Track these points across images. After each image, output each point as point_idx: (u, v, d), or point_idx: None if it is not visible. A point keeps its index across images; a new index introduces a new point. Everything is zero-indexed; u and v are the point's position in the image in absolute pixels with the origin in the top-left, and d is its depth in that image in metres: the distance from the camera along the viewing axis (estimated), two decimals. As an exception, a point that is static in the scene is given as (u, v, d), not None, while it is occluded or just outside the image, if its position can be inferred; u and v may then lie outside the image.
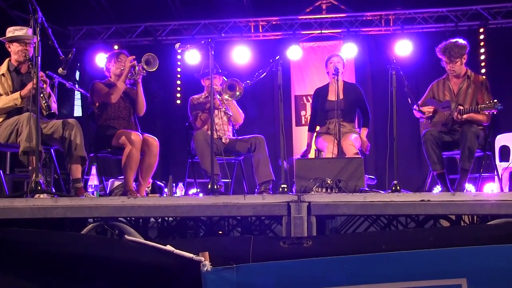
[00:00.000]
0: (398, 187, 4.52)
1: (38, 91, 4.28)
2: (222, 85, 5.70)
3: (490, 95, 5.33)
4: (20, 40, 4.90)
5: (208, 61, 5.00)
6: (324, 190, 4.46)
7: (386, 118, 4.84)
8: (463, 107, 5.32)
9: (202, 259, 2.69)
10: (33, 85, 4.29)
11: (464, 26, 9.40)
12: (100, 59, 9.34)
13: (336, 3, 9.77)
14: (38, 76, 4.24)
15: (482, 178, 5.70)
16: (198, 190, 6.58)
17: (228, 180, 5.90)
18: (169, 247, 2.79)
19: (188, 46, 5.44)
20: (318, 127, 6.19)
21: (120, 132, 5.23)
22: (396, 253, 2.73)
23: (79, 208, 3.48)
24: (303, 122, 9.68)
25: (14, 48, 4.92)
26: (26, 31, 4.90)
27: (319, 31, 9.71)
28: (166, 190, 6.26)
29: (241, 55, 9.50)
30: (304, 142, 6.40)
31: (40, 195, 4.01)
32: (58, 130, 4.75)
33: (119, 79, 5.38)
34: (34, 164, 4.19)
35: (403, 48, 9.05)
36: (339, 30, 9.70)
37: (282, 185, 4.59)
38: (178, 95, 10.14)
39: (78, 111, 10.11)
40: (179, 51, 7.54)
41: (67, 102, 9.78)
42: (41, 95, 4.53)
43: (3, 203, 3.51)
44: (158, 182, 6.69)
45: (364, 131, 6.08)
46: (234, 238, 4.36)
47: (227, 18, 9.78)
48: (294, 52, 9.45)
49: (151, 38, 10.05)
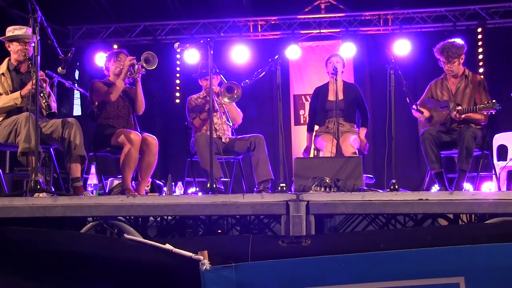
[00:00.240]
0: (397, 186, 4.53)
1: (38, 91, 4.29)
2: (220, 88, 5.71)
3: (488, 95, 5.35)
4: (20, 40, 4.91)
5: (205, 61, 5.03)
6: (323, 189, 4.47)
7: (385, 118, 4.85)
8: (462, 107, 5.33)
9: (201, 258, 2.71)
10: (33, 85, 4.30)
11: (462, 26, 9.41)
12: (100, 59, 9.34)
13: (335, 3, 9.78)
14: (38, 76, 4.25)
15: (480, 177, 5.71)
16: (197, 189, 6.58)
17: (227, 179, 5.91)
18: (168, 246, 2.80)
19: (187, 46, 5.45)
20: (317, 127, 6.20)
21: (119, 131, 5.24)
22: (395, 252, 2.75)
23: (79, 207, 3.47)
24: (302, 122, 9.69)
25: (14, 48, 4.92)
26: (26, 31, 4.91)
27: (318, 31, 9.72)
28: (165, 189, 6.28)
29: (240, 55, 9.51)
30: (303, 141, 6.41)
31: (40, 194, 4.01)
32: (58, 130, 4.75)
33: (119, 78, 5.39)
34: (34, 165, 4.20)
35: (402, 48, 9.07)
36: (338, 30, 9.72)
37: (281, 184, 4.60)
38: (177, 94, 10.15)
39: (78, 110, 10.12)
40: (178, 51, 7.56)
41: (67, 101, 9.79)
42: (41, 95, 4.54)
43: (3, 202, 3.51)
44: (157, 181, 6.70)
45: (363, 131, 6.10)
46: (233, 237, 4.38)
47: (226, 18, 9.79)
48: (293, 52, 9.46)
49: (151, 38, 10.05)
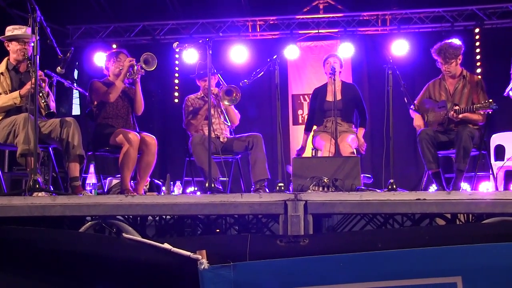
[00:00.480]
0: (394, 186, 4.54)
1: (37, 90, 4.29)
2: (220, 92, 5.72)
3: (486, 95, 5.35)
4: (19, 39, 4.91)
5: (203, 62, 5.03)
6: (321, 189, 4.48)
7: (383, 118, 4.87)
8: (459, 107, 5.35)
9: (200, 257, 2.72)
10: (32, 84, 4.30)
11: (460, 26, 9.43)
12: (99, 58, 9.35)
13: (333, 3, 9.79)
14: (37, 75, 4.25)
15: (477, 177, 5.73)
16: (196, 189, 6.58)
17: (226, 179, 5.91)
18: (167, 245, 2.81)
19: (186, 45, 5.46)
20: (315, 127, 6.21)
21: (118, 131, 5.24)
22: (392, 252, 2.76)
23: (77, 206, 3.47)
24: (300, 121, 9.71)
25: (13, 47, 4.93)
26: (25, 30, 4.91)
27: (316, 31, 9.73)
28: (164, 189, 6.28)
29: (239, 55, 9.51)
30: (301, 141, 6.42)
31: (38, 193, 4.01)
32: (56, 129, 4.76)
33: (118, 78, 5.40)
34: (33, 166, 4.21)
35: (400, 48, 9.08)
36: (336, 30, 9.72)
37: (279, 184, 4.61)
38: (176, 94, 10.16)
39: (77, 110, 10.12)
40: (177, 50, 7.50)
41: (66, 101, 9.79)
42: (40, 94, 4.54)
43: (1, 201, 3.51)
44: (156, 181, 6.70)
45: (361, 131, 6.11)
46: (231, 237, 4.40)
47: (225, 18, 9.80)
48: (291, 52, 9.46)
49: (149, 37, 10.05)
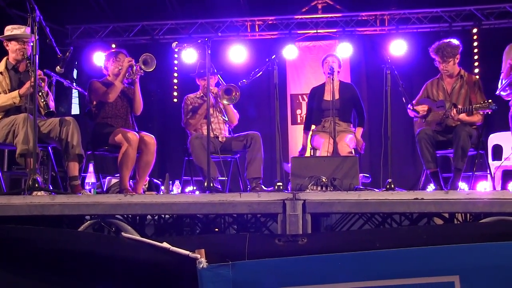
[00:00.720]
0: (393, 185, 4.53)
1: (36, 90, 4.30)
2: (219, 91, 5.73)
3: (483, 95, 5.37)
4: (18, 39, 4.92)
5: (203, 61, 5.03)
6: (319, 188, 4.49)
7: (381, 117, 4.87)
8: (459, 107, 5.36)
9: (198, 256, 2.72)
10: (31, 84, 4.31)
11: (458, 27, 9.45)
12: (98, 58, 9.36)
13: (332, 3, 9.80)
14: (36, 75, 4.25)
15: (475, 177, 5.73)
16: (195, 188, 6.59)
17: (224, 178, 5.92)
18: (166, 244, 2.81)
19: (185, 45, 5.47)
20: (314, 126, 6.22)
21: (117, 131, 5.25)
22: (390, 251, 2.76)
23: (76, 206, 3.48)
24: (299, 121, 9.73)
25: (12, 47, 4.93)
26: (24, 30, 4.92)
27: (315, 31, 9.74)
28: (163, 188, 6.29)
29: (238, 54, 9.52)
30: (300, 140, 6.44)
31: (38, 193, 4.02)
32: (55, 129, 4.77)
33: (117, 79, 5.40)
34: (32, 166, 4.22)
35: (398, 48, 9.09)
36: (335, 30, 9.73)
37: (278, 183, 4.61)
38: (175, 94, 10.17)
39: (76, 109, 10.12)
40: (176, 50, 7.54)
41: (65, 101, 9.79)
42: (39, 94, 4.55)
43: (1, 200, 3.51)
44: (155, 180, 6.71)
45: (359, 131, 6.12)
46: (230, 236, 4.40)
47: (224, 18, 9.80)
48: (290, 52, 9.46)
49: (148, 37, 10.05)
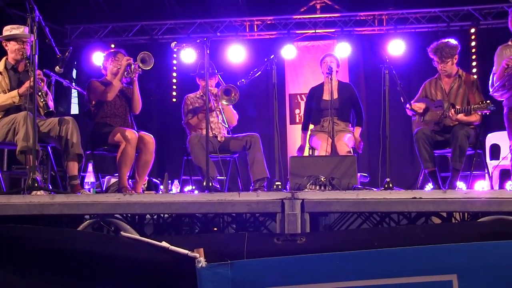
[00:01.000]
0: (391, 185, 4.54)
1: (36, 90, 4.30)
2: (218, 91, 5.74)
3: (481, 95, 5.38)
4: (17, 39, 4.92)
5: (204, 61, 5.03)
6: (318, 188, 4.49)
7: (379, 117, 4.88)
8: (457, 107, 5.37)
9: (197, 255, 2.72)
10: (30, 83, 4.31)
11: (456, 26, 9.47)
12: (97, 58, 9.38)
13: (330, 3, 9.82)
14: (36, 75, 4.26)
15: (473, 176, 5.75)
16: (194, 187, 6.60)
17: (223, 178, 5.94)
18: (165, 244, 2.81)
19: (184, 45, 5.48)
20: (312, 126, 6.24)
21: (116, 130, 5.25)
22: (388, 250, 2.76)
23: (76, 205, 3.48)
24: (297, 121, 9.74)
25: (11, 47, 4.94)
26: (23, 30, 4.92)
27: (313, 31, 9.76)
28: (162, 187, 6.29)
29: (236, 54, 9.53)
30: (298, 140, 6.45)
31: (37, 192, 4.02)
32: (55, 128, 4.77)
33: (115, 78, 5.42)
34: (32, 163, 4.22)
35: (396, 48, 9.11)
36: (333, 30, 9.75)
37: (276, 183, 4.62)
38: (174, 93, 10.18)
39: (75, 109, 10.14)
40: (175, 50, 7.54)
41: (64, 100, 9.81)
42: (39, 94, 4.56)
43: (0, 200, 3.51)
44: (154, 179, 6.72)
45: (358, 130, 6.14)
46: (229, 235, 4.41)
47: (223, 18, 9.81)
48: (289, 51, 9.49)
49: (147, 37, 10.07)
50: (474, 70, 9.15)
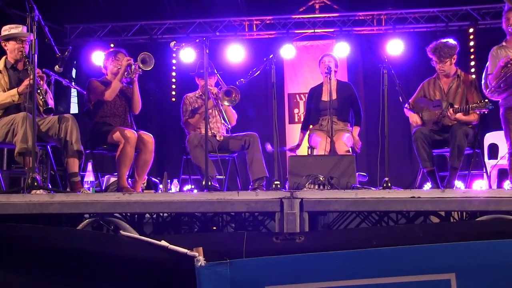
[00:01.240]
0: (389, 184, 4.56)
1: (35, 88, 4.30)
2: (219, 92, 5.76)
3: (480, 94, 5.38)
4: (16, 38, 4.92)
5: (203, 60, 5.04)
6: (317, 187, 4.51)
7: (378, 117, 4.90)
8: (456, 107, 5.38)
9: (196, 254, 2.71)
10: (30, 83, 4.31)
11: (455, 26, 9.49)
12: (96, 57, 9.39)
13: (329, 3, 9.83)
14: (35, 74, 4.26)
15: (471, 175, 5.76)
16: (193, 187, 6.61)
17: (222, 177, 5.95)
18: (164, 243, 2.81)
19: (183, 45, 5.48)
20: (311, 126, 6.25)
21: (116, 129, 5.26)
22: (387, 249, 2.76)
23: (75, 204, 3.47)
24: (296, 120, 9.74)
25: (11, 46, 4.94)
26: (22, 29, 4.92)
27: (312, 31, 9.77)
28: (161, 187, 6.30)
29: (236, 54, 9.54)
30: (297, 139, 6.47)
31: (37, 191, 4.02)
32: (55, 126, 4.77)
33: (116, 78, 5.42)
34: (31, 165, 4.23)
35: (395, 48, 9.14)
36: (332, 30, 9.76)
37: (275, 182, 4.63)
38: (173, 93, 10.17)
39: (75, 109, 10.14)
40: (174, 49, 7.54)
41: (64, 100, 9.81)
42: (38, 91, 4.56)
43: (0, 199, 3.50)
44: (153, 179, 6.72)
45: (356, 130, 6.15)
46: (228, 234, 4.41)
47: (222, 17, 9.82)
48: (288, 51, 9.51)
49: (147, 37, 10.08)
50: (473, 70, 9.16)
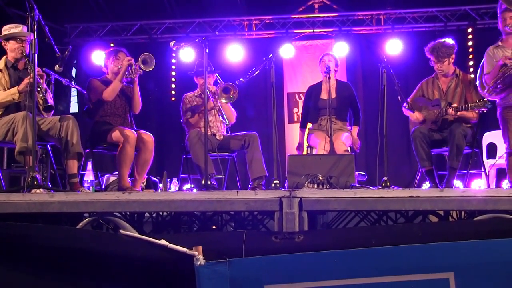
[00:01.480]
0: (388, 183, 4.57)
1: (35, 87, 4.31)
2: (217, 89, 5.76)
3: (479, 93, 5.39)
4: (16, 38, 4.93)
5: (202, 60, 5.05)
6: (316, 186, 4.51)
7: (377, 116, 4.91)
8: (454, 106, 5.40)
9: (196, 253, 2.71)
10: (30, 82, 4.31)
11: (453, 26, 9.49)
12: (96, 57, 9.40)
13: (328, 3, 9.83)
14: (35, 73, 4.26)
15: (470, 175, 5.78)
16: (192, 186, 6.61)
17: (222, 176, 5.95)
18: (163, 242, 2.81)
19: (183, 44, 5.50)
20: (310, 124, 6.26)
21: (115, 129, 5.27)
22: (386, 248, 2.76)
23: (75, 203, 3.48)
24: (295, 119, 9.74)
25: (11, 46, 4.95)
26: (22, 29, 4.93)
27: (311, 30, 9.77)
28: (161, 186, 6.30)
29: (235, 53, 9.54)
30: (296, 139, 6.48)
31: (37, 190, 4.03)
32: (55, 126, 4.78)
33: (116, 78, 5.41)
34: (31, 164, 4.23)
35: (394, 47, 9.14)
36: (331, 29, 9.76)
37: (275, 181, 4.63)
38: (173, 92, 10.17)
39: (75, 108, 10.14)
40: (174, 49, 7.57)
41: (64, 99, 9.81)
42: (38, 90, 4.57)
43: (0, 198, 3.51)
44: (153, 178, 6.72)
45: (355, 129, 6.16)
46: (227, 233, 4.41)
47: (221, 17, 9.82)
48: (287, 51, 9.52)
49: (147, 36, 10.07)
50: (471, 70, 9.14)
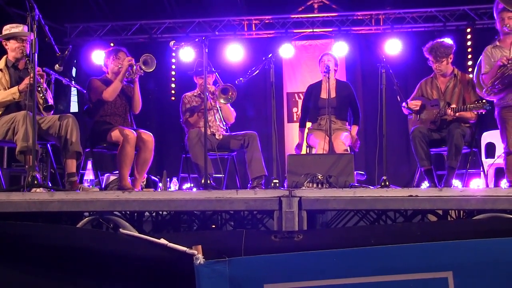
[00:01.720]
0: (387, 183, 4.57)
1: (35, 87, 4.31)
2: (216, 90, 5.77)
3: (477, 94, 5.40)
4: (17, 37, 4.94)
5: (201, 59, 5.06)
6: (315, 185, 4.52)
7: (376, 116, 4.92)
8: (453, 106, 5.41)
9: (195, 252, 2.71)
10: (30, 78, 4.31)
11: (452, 26, 9.50)
12: (96, 56, 9.41)
13: (328, 3, 9.84)
14: (35, 72, 4.27)
15: (469, 174, 5.77)
16: (192, 185, 6.62)
17: (221, 175, 5.96)
18: (163, 241, 2.81)
19: (183, 44, 5.51)
20: (310, 124, 6.27)
21: (115, 128, 5.27)
22: (385, 247, 2.76)
23: (75, 202, 3.48)
24: (295, 119, 9.74)
25: (11, 46, 4.96)
26: (22, 28, 4.94)
27: (311, 30, 9.78)
28: (161, 185, 6.31)
29: (235, 53, 9.55)
30: (296, 138, 6.49)
31: (37, 189, 4.04)
32: (55, 125, 4.79)
33: (117, 78, 5.40)
34: (31, 163, 4.24)
35: (393, 47, 9.15)
36: (330, 29, 9.77)
37: (274, 180, 4.65)
38: (173, 92, 10.17)
39: (75, 107, 10.14)
40: (174, 49, 7.58)
41: (64, 98, 9.82)
42: (38, 89, 4.57)
43: (0, 197, 3.51)
44: (153, 177, 6.73)
45: (355, 129, 6.17)
46: (227, 232, 4.40)
47: (221, 17, 9.83)
48: (286, 50, 9.53)
49: (146, 36, 10.08)
50: (470, 70, 9.14)
